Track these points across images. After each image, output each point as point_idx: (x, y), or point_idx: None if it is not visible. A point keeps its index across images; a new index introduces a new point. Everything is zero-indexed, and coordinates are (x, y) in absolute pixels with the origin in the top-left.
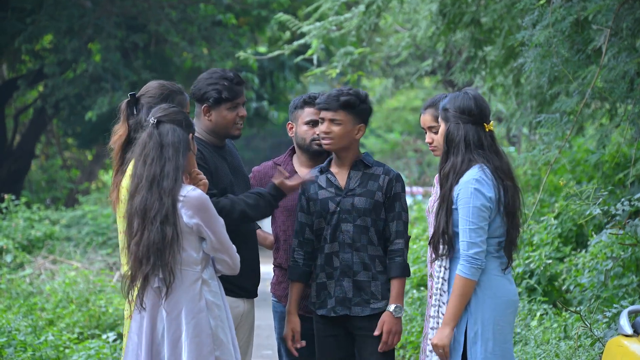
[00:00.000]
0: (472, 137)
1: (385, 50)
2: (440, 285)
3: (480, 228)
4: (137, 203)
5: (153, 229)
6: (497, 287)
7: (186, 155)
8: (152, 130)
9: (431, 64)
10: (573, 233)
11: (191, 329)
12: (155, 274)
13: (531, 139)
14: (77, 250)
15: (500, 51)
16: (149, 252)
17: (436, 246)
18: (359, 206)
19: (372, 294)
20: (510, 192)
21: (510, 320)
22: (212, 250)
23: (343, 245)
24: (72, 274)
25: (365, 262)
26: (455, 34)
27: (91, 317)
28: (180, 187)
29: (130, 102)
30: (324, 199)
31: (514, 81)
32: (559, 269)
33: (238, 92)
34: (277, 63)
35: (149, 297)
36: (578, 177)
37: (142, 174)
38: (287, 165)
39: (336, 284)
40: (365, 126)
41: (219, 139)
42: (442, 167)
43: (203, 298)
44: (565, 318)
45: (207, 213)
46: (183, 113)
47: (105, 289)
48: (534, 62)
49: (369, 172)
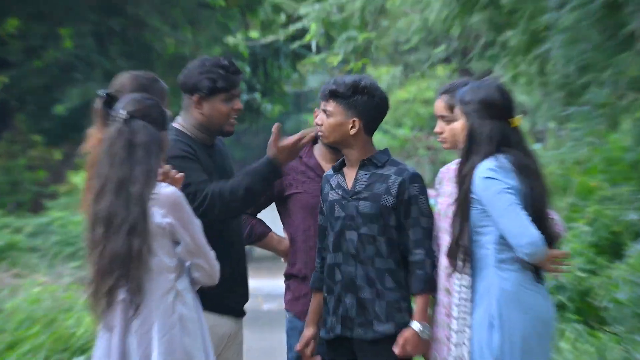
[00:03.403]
0: (498, 134)
1: (393, 35)
2: (459, 302)
3: (514, 207)
4: (101, 208)
5: (118, 240)
6: (528, 301)
7: (159, 157)
8: (121, 127)
9: (445, 51)
10: (608, 242)
11: (164, 346)
12: (121, 286)
13: (559, 134)
14: (43, 262)
15: (522, 36)
16: (112, 265)
17: (453, 258)
18: (363, 211)
19: (375, 315)
20: (539, 192)
21: (542, 341)
22: (188, 254)
23: (347, 256)
24: (37, 289)
25: (369, 276)
26: (472, 17)
27: (59, 339)
28: (151, 193)
29: (106, 101)
30: (331, 201)
31: (538, 70)
32: (593, 283)
33: (234, 82)
34: (271, 50)
35: (116, 312)
36: (613, 178)
37: (108, 175)
38: (310, 158)
39: (337, 301)
40: (360, 121)
41: (209, 135)
42: (461, 168)
43: (177, 311)
44: (601, 339)
45: (181, 211)
46: (157, 107)
47: (75, 307)
48: (560, 48)
49: (378, 172)
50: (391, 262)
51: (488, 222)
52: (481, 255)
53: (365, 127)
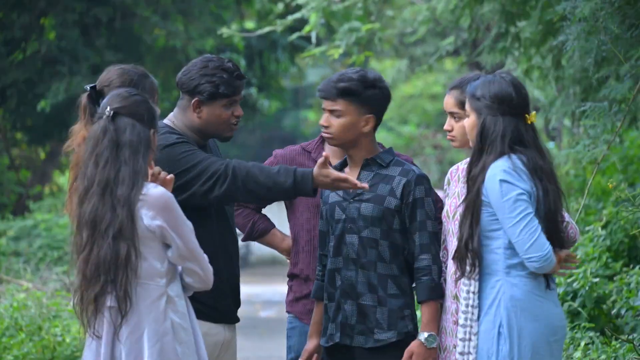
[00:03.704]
0: (512, 131)
1: (399, 26)
2: (466, 309)
3: (526, 216)
4: (86, 212)
5: (104, 244)
6: (538, 309)
7: (147, 157)
8: (106, 125)
9: (454, 43)
10: (625, 246)
11: (155, 354)
12: (108, 293)
13: (574, 132)
14: (27, 267)
15: (536, 27)
16: (98, 271)
17: (461, 262)
18: (365, 214)
19: (376, 322)
20: (552, 195)
21: (552, 349)
22: (179, 258)
23: (347, 260)
24: (22, 296)
25: (371, 282)
26: (482, 7)
27: (45, 347)
28: (139, 195)
29: (91, 95)
30: (332, 203)
31: (553, 63)
32: (608, 289)
33: (237, 88)
34: (267, 42)
35: (104, 320)
36: (631, 178)
37: (93, 177)
38: (319, 155)
39: (337, 307)
40: (374, 117)
41: (203, 138)
42: (471, 168)
43: (168, 318)
44: (615, 348)
45: (172, 213)
46: (145, 104)
47: (62, 314)
48: (577, 39)
49: (382, 172)
50: (394, 267)
51: (498, 226)
52: (490, 261)
53: (376, 123)
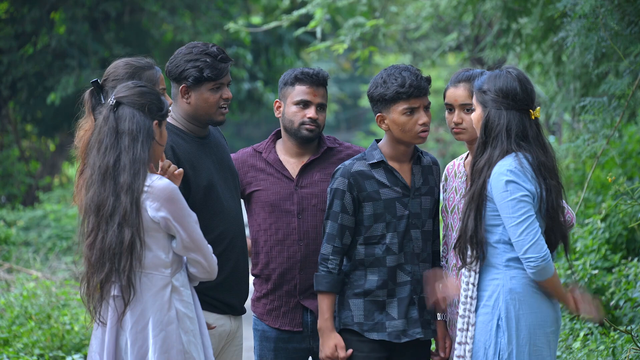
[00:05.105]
0: (516, 126)
1: (402, 22)
2: (465, 299)
3: (528, 218)
4: (89, 197)
5: (109, 231)
6: (534, 302)
7: (148, 145)
8: (108, 113)
9: (456, 39)
10: (623, 238)
11: (159, 343)
12: (113, 282)
13: (574, 126)
14: (37, 257)
15: (538, 23)
16: (103, 258)
17: (463, 253)
18: (426, 207)
19: (431, 314)
20: (554, 192)
21: (549, 341)
22: (183, 249)
23: (412, 256)
24: (31, 285)
25: (426, 275)
26: (484, 3)
27: (53, 336)
28: (143, 183)
29: (94, 90)
30: (389, 199)
31: (554, 59)
32: (607, 281)
33: (222, 71)
34: (273, 37)
35: (109, 308)
36: (629, 172)
37: (95, 163)
38: (269, 153)
39: (401, 304)
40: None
41: (200, 126)
42: (476, 161)
43: (173, 307)
44: (613, 339)
45: (176, 205)
46: (149, 95)
47: (70, 303)
48: (577, 36)
49: (424, 164)
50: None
51: (499, 221)
52: (489, 254)
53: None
